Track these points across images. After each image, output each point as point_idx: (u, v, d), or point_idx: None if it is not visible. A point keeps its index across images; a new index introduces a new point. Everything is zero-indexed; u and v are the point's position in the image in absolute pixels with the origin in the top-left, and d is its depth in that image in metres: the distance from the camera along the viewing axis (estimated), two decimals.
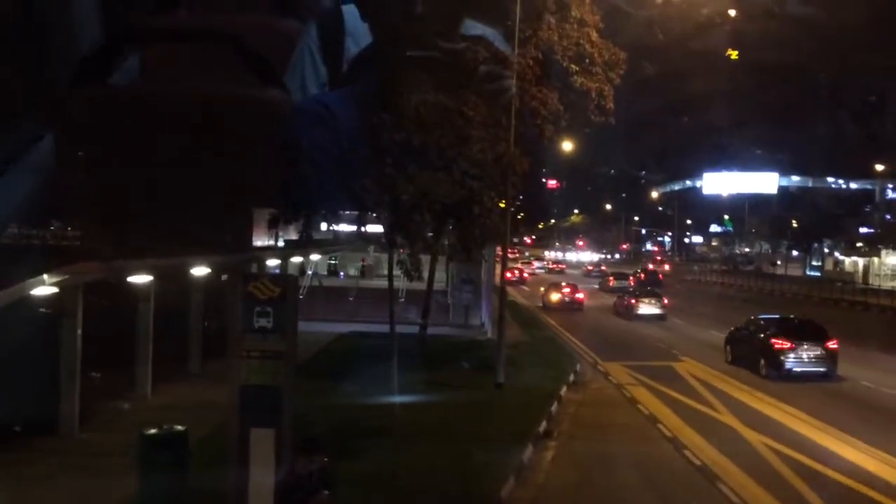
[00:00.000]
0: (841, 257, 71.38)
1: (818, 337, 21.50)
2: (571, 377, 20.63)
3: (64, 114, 21.63)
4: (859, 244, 67.00)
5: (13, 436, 12.52)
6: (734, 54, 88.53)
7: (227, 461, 7.48)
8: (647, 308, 35.74)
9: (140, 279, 15.49)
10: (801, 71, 71.83)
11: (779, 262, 78.30)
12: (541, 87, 19.86)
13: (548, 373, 20.74)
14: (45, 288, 12.17)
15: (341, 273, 41.12)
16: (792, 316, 25.19)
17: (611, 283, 51.08)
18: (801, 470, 12.58)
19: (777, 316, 24.96)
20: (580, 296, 40.34)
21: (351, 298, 31.12)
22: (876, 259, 63.34)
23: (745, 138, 79.71)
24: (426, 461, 12.20)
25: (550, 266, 79.86)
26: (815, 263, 75.19)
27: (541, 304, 40.62)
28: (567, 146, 31.14)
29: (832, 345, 21.24)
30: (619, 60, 20.11)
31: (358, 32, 21.32)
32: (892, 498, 11.35)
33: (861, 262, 65.97)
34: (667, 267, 76.90)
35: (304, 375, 19.01)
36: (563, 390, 18.91)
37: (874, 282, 59.26)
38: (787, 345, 21.02)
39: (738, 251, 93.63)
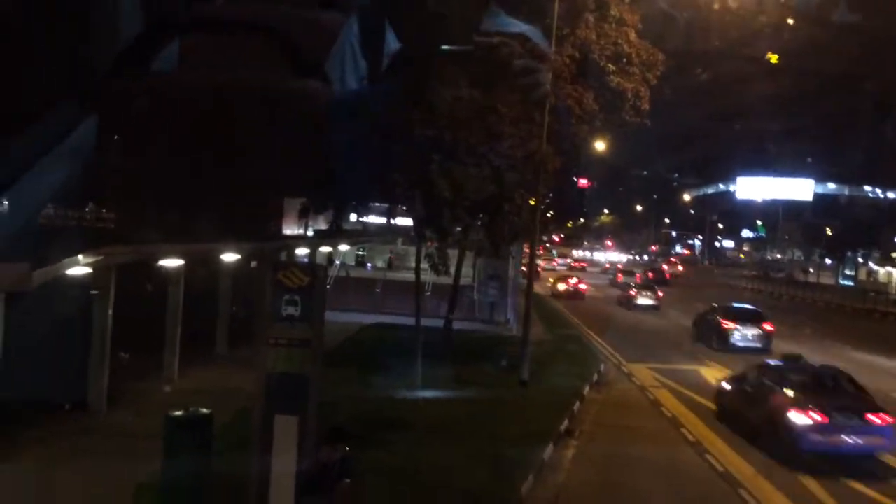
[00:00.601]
0: (875, 267, 70.20)
1: (757, 320, 27.29)
2: (595, 377, 20.55)
3: (104, 99, 21.96)
4: (894, 254, 65.82)
5: (43, 413, 12.79)
6: (774, 58, 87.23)
7: (251, 447, 7.56)
8: (643, 300, 40.30)
9: (171, 263, 15.67)
10: (844, 79, 70.67)
11: (811, 270, 77.21)
12: (576, 85, 19.79)
13: (571, 371, 20.67)
14: (79, 268, 12.37)
15: (369, 264, 41.32)
16: (740, 304, 31.40)
17: (619, 279, 55.43)
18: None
19: (729, 305, 30.19)
20: (583, 286, 46.89)
21: (378, 290, 31.23)
22: None
23: (784, 145, 78.59)
24: (448, 456, 12.23)
25: (573, 264, 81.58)
26: (847, 273, 74.00)
27: (550, 293, 44.93)
28: (600, 146, 30.95)
29: (767, 327, 27.07)
30: (657, 61, 19.97)
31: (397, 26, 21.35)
32: None
33: (895, 272, 64.82)
34: (680, 268, 77.14)
35: (330, 364, 19.11)
36: (587, 389, 18.85)
37: None
38: (732, 325, 26.51)
39: (769, 257, 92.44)
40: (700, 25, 25.37)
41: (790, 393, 14.03)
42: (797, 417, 13.36)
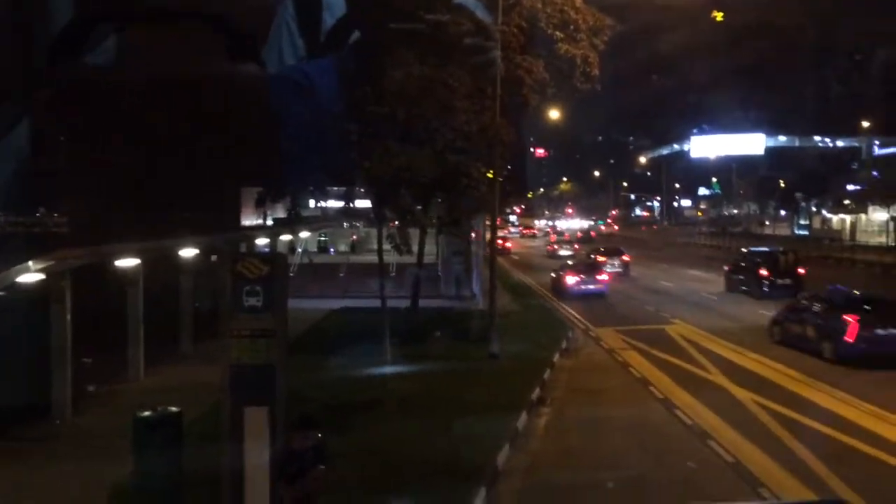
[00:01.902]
0: (828, 215, 71.73)
1: (618, 254, 41.72)
2: (564, 344, 20.76)
3: (41, 95, 21.38)
4: (846, 202, 67.26)
5: (7, 422, 12.55)
6: (719, 16, 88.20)
7: (222, 440, 7.49)
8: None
9: (128, 263, 15.41)
10: (785, 30, 71.71)
11: (767, 223, 78.63)
12: (525, 55, 19.72)
13: (540, 341, 20.84)
14: (31, 275, 12.11)
15: (331, 249, 41.16)
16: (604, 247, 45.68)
17: (552, 250, 56.47)
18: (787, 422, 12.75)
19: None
20: (509, 245, 56.04)
21: (342, 274, 31.16)
22: (863, 216, 63.67)
23: (732, 100, 79.64)
24: (421, 432, 12.28)
25: (523, 231, 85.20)
26: (802, 222, 75.52)
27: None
28: (554, 114, 30.98)
29: (625, 258, 41.42)
30: (604, 26, 19.97)
31: (334, 3, 21.09)
32: (879, 448, 11.54)
33: (848, 219, 66.33)
34: (616, 228, 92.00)
35: (296, 352, 19.04)
36: (556, 357, 19.03)
37: (861, 238, 59.63)
38: (604, 259, 39.62)
39: (726, 213, 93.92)
40: None
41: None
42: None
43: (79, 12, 22.66)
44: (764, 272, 29.83)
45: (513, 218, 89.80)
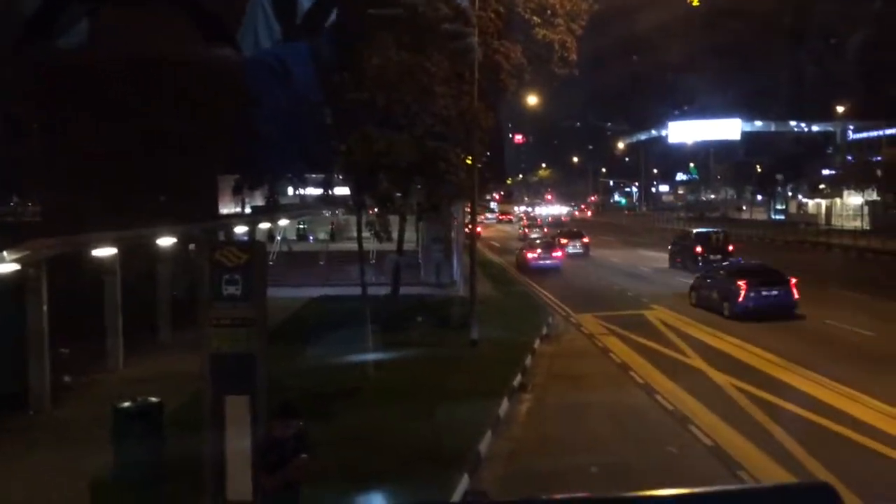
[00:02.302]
0: (804, 200, 72.47)
1: (580, 237, 45.51)
2: (544, 330, 20.82)
3: (8, 81, 21.01)
4: (822, 186, 67.98)
5: None
6: (695, 1, 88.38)
7: (202, 430, 7.44)
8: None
9: (104, 252, 15.23)
10: (761, 14, 72.07)
11: (744, 208, 79.27)
12: (503, 40, 19.67)
13: (521, 327, 20.89)
14: (5, 265, 11.93)
15: (311, 237, 40.91)
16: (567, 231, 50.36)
17: (524, 234, 58.56)
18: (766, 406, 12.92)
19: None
20: (479, 230, 52.74)
21: (321, 262, 30.98)
22: (838, 200, 64.43)
23: (709, 83, 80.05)
24: (403, 419, 12.28)
25: (499, 217, 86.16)
26: (779, 207, 76.26)
27: None
28: (532, 100, 30.94)
29: (585, 240, 44.95)
30: (581, 11, 19.93)
31: None
32: (855, 430, 11.72)
33: (824, 203, 67.06)
34: (589, 213, 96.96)
35: (276, 341, 19.02)
36: (537, 343, 19.10)
37: (837, 222, 60.34)
38: (566, 241, 43.38)
39: (703, 198, 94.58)
40: None
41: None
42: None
43: None
44: (698, 249, 33.94)
45: (493, 204, 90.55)
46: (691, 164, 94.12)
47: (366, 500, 9.42)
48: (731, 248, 34.30)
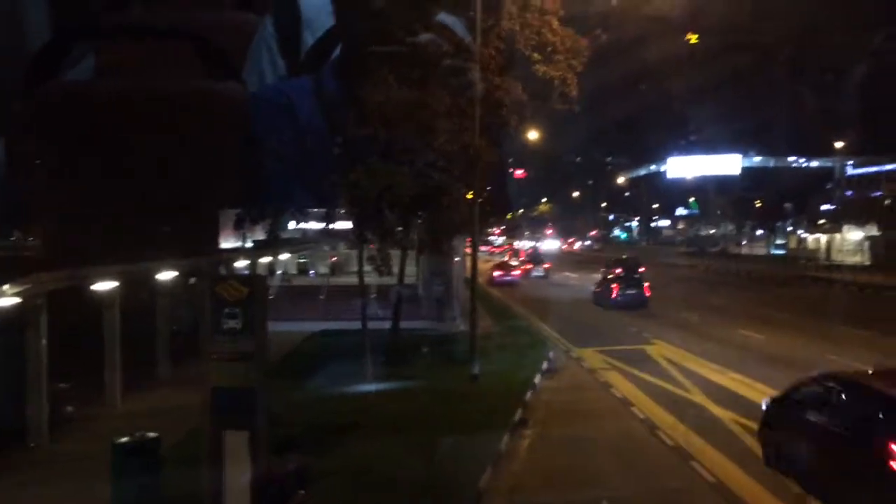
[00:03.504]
0: (804, 235, 72.56)
1: (541, 262, 55.84)
2: (545, 364, 20.73)
3: (15, 116, 21.17)
4: (821, 221, 68.10)
5: None
6: (694, 38, 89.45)
7: (202, 465, 7.37)
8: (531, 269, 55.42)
9: (104, 286, 15.22)
10: (760, 50, 72.86)
11: (744, 242, 79.34)
12: (504, 77, 19.85)
13: (522, 362, 20.81)
14: (5, 300, 11.92)
15: (312, 271, 40.87)
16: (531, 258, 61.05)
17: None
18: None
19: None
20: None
21: (321, 297, 30.89)
22: (838, 235, 64.49)
23: (708, 118, 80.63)
24: (404, 455, 12.19)
25: (491, 250, 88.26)
26: (779, 242, 76.31)
27: None
28: (533, 135, 31.14)
29: (546, 266, 54.72)
30: (581, 48, 20.14)
31: (314, 23, 21.14)
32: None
33: (824, 238, 67.14)
34: (575, 248, 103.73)
35: (277, 376, 18.99)
36: (538, 378, 18.99)
37: (837, 257, 60.35)
38: (530, 266, 55.08)
39: (703, 233, 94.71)
40: (620, 13, 25.73)
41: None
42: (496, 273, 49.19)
43: (58, 30, 22.58)
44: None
45: (498, 239, 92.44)
46: (691, 199, 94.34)
47: None
48: (642, 269, 42.19)
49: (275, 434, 7.48)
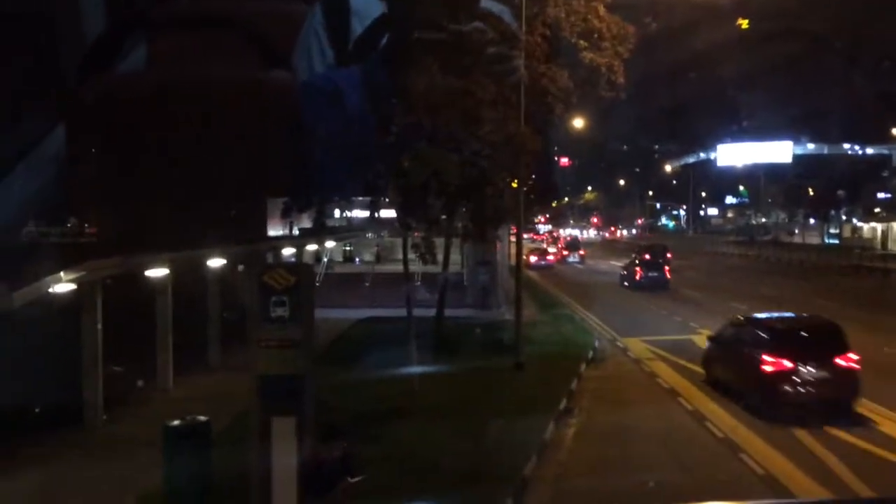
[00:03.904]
0: (859, 224, 70.72)
1: (577, 249, 60.99)
2: (591, 353, 20.63)
3: (73, 105, 21.67)
4: (877, 210, 66.30)
5: (40, 428, 12.75)
6: (745, 24, 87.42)
7: (249, 450, 7.52)
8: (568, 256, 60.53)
9: (156, 273, 15.57)
10: (815, 35, 70.99)
11: (796, 231, 77.63)
12: (550, 64, 19.71)
13: (567, 351, 20.75)
14: (63, 285, 12.28)
15: (357, 259, 41.28)
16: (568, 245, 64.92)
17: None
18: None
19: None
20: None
21: (367, 284, 31.19)
22: (894, 224, 62.71)
23: (760, 106, 78.96)
24: (449, 442, 12.25)
25: (533, 237, 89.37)
26: (832, 231, 74.49)
27: None
28: (578, 123, 30.92)
29: (582, 253, 60.27)
30: (628, 34, 19.90)
31: (363, 12, 21.17)
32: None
33: (879, 227, 65.36)
34: (619, 235, 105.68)
35: (324, 362, 19.23)
36: (583, 367, 18.92)
37: (893, 247, 58.69)
38: (567, 252, 59.67)
39: (753, 221, 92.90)
40: None
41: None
42: (532, 258, 51.24)
43: (111, 20, 23.00)
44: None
45: (543, 227, 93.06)
46: (741, 187, 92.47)
47: None
48: (669, 255, 43.09)
49: (322, 420, 7.59)
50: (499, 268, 29.84)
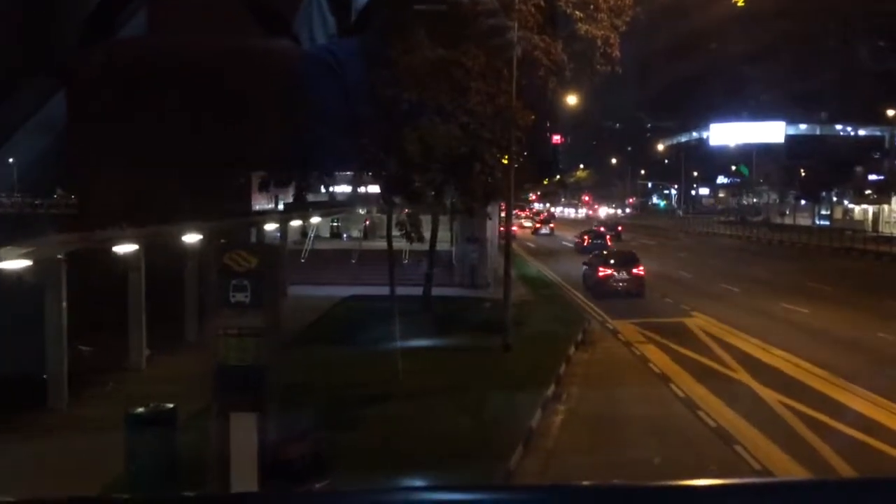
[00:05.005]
0: (850, 205, 70.41)
1: (549, 223, 70.00)
2: (580, 336, 20.10)
3: (71, 70, 20.91)
4: (868, 192, 65.95)
5: (2, 408, 12.11)
6: (740, 1, 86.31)
7: (210, 449, 6.93)
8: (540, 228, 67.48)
9: (127, 248, 14.87)
10: (810, 14, 70.29)
11: (787, 212, 77.30)
12: (544, 35, 18.93)
13: (556, 332, 20.21)
14: (15, 261, 11.53)
15: (345, 235, 40.49)
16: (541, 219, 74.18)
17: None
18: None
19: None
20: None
21: (353, 261, 30.50)
22: (886, 206, 62.39)
23: (753, 85, 78.34)
24: (432, 430, 11.72)
25: (517, 213, 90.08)
26: (823, 212, 74.18)
27: None
28: (571, 100, 30.15)
29: (552, 226, 67.82)
30: (626, 6, 19.12)
31: None
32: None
33: (871, 209, 65.03)
34: (601, 214, 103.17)
35: (305, 342, 18.73)
36: (572, 350, 18.40)
37: (884, 229, 58.39)
38: (539, 225, 68.71)
39: (745, 202, 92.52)
40: None
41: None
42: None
43: None
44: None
45: (536, 205, 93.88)
46: (742, 165, 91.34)
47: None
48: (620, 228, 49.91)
49: (289, 412, 7.01)
50: (488, 245, 29.23)
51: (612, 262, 28.06)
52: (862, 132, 77.83)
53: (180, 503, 2.52)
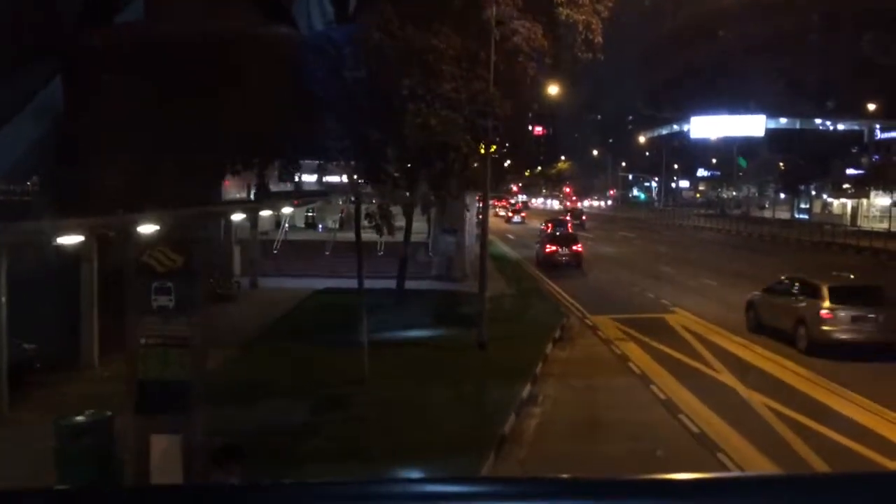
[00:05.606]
0: (829, 199, 70.35)
1: (522, 212, 79.48)
2: (558, 332, 19.43)
3: (69, 55, 19.98)
4: (846, 186, 65.91)
5: None
6: None
7: (125, 473, 6.12)
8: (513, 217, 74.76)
9: (75, 239, 13.94)
10: (792, 9, 69.96)
11: (766, 206, 77.18)
12: (524, 20, 18.14)
13: (533, 329, 19.51)
14: None
15: (320, 225, 39.58)
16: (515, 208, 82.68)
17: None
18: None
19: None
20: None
21: (327, 252, 29.66)
22: (864, 201, 62.32)
23: (734, 78, 78.05)
24: (398, 436, 11.00)
25: (494, 203, 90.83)
26: (803, 206, 74.13)
27: None
28: (553, 90, 29.43)
29: (524, 215, 77.06)
30: None
31: None
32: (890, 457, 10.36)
33: (850, 203, 64.96)
34: (579, 205, 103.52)
35: (272, 337, 17.92)
36: (549, 348, 17.71)
37: (863, 224, 58.27)
38: (513, 214, 77.47)
39: (724, 195, 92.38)
40: None
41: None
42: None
43: None
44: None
45: (517, 197, 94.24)
46: (740, 157, 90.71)
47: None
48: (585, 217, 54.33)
49: (221, 433, 6.21)
50: (465, 238, 28.49)
51: (557, 241, 35.38)
52: (841, 126, 77.74)
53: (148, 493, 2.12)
